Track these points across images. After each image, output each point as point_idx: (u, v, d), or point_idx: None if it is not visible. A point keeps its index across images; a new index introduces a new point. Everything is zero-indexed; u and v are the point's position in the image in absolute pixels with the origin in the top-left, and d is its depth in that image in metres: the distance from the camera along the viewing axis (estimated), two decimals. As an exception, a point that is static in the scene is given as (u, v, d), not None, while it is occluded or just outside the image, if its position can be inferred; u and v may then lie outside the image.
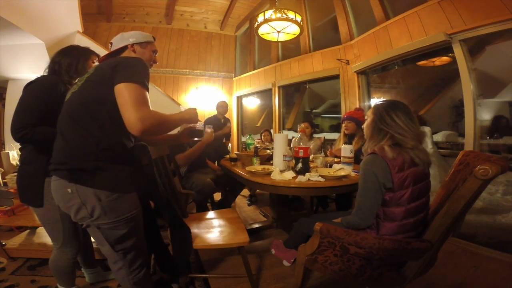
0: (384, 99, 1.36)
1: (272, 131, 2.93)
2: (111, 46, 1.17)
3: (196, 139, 1.48)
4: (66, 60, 1.26)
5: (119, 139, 0.97)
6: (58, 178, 0.94)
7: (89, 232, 1.02)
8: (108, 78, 0.93)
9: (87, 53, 1.33)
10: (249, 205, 3.30)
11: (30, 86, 1.17)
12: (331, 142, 2.95)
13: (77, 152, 0.92)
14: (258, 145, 2.67)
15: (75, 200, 0.92)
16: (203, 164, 2.58)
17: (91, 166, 0.91)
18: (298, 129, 1.87)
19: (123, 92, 0.89)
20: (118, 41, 1.16)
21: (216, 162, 3.02)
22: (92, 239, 1.63)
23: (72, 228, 1.26)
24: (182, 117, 1.16)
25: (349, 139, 2.44)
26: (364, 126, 1.27)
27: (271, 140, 3.47)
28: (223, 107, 3.56)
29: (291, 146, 1.88)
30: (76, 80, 1.06)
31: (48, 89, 1.16)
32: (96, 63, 1.34)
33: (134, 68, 0.95)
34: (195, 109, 1.25)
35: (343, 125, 2.44)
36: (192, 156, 2.26)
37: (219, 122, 3.47)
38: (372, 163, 1.11)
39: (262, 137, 3.79)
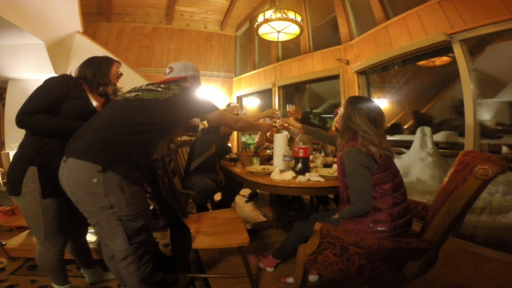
0: (356, 96, 1.47)
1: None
2: (171, 70, 1.44)
3: (191, 133, 1.60)
4: (89, 69, 1.34)
5: (157, 143, 1.17)
6: (84, 166, 0.96)
7: (99, 227, 1.04)
8: (179, 106, 1.21)
9: (108, 60, 1.39)
10: (246, 201, 3.32)
11: (47, 79, 1.23)
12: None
13: (129, 145, 1.03)
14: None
15: (99, 190, 0.96)
16: (210, 168, 2.52)
17: (133, 159, 1.03)
18: (287, 109, 2.19)
19: (216, 116, 1.35)
20: (180, 69, 1.43)
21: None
22: (89, 240, 1.63)
23: (55, 223, 1.20)
24: (258, 126, 1.86)
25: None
26: (337, 118, 1.37)
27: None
28: (233, 109, 3.43)
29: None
30: (156, 87, 1.22)
31: (59, 82, 1.23)
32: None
33: (206, 102, 1.34)
34: (269, 125, 1.91)
35: (335, 118, 2.27)
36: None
37: None
38: (353, 152, 1.21)
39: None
